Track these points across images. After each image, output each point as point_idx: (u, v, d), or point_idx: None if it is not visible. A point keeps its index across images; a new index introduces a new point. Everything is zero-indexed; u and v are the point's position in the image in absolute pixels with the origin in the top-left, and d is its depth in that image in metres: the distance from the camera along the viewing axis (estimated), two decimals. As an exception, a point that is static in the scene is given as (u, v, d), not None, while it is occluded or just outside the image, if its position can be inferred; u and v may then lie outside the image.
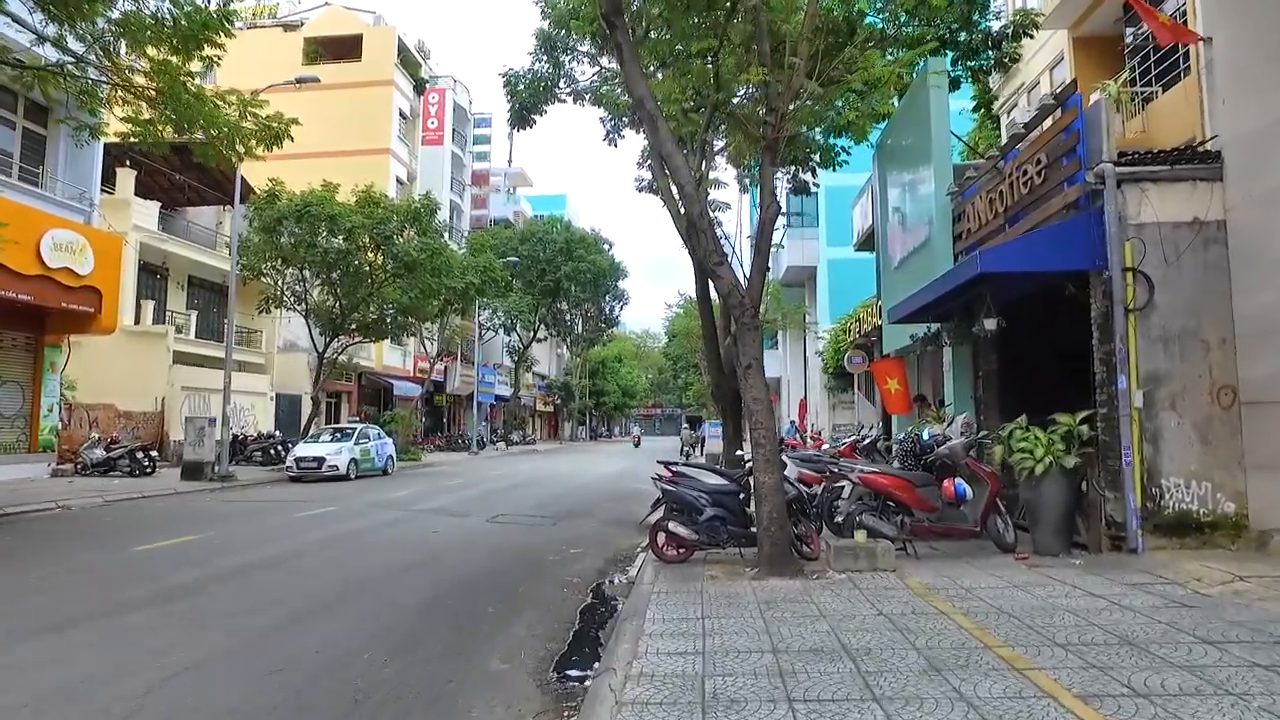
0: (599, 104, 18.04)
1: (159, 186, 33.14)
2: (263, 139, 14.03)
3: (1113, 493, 8.04)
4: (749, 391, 7.60)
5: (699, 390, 45.21)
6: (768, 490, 7.59)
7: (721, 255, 7.55)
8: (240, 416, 30.35)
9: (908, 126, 14.57)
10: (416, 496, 17.14)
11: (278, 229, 22.90)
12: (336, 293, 24.97)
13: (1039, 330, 10.56)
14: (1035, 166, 9.28)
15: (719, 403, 15.38)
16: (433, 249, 24.45)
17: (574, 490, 19.16)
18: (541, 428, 71.86)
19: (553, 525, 12.54)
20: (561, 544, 10.63)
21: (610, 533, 11.72)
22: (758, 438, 7.65)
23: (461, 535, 11.36)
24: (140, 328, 26.08)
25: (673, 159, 7.45)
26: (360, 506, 14.79)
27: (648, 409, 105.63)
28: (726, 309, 16.04)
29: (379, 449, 24.30)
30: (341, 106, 41.43)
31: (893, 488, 8.37)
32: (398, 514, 13.65)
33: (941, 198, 12.64)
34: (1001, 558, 8.25)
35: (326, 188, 23.96)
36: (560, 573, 8.66)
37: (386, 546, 10.25)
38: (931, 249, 12.97)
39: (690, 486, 8.69)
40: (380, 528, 11.95)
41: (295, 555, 9.46)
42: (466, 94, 54.39)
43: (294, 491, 18.45)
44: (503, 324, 50.75)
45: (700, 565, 8.20)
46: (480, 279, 32.02)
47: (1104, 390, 8.19)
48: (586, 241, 52.05)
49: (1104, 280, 8.13)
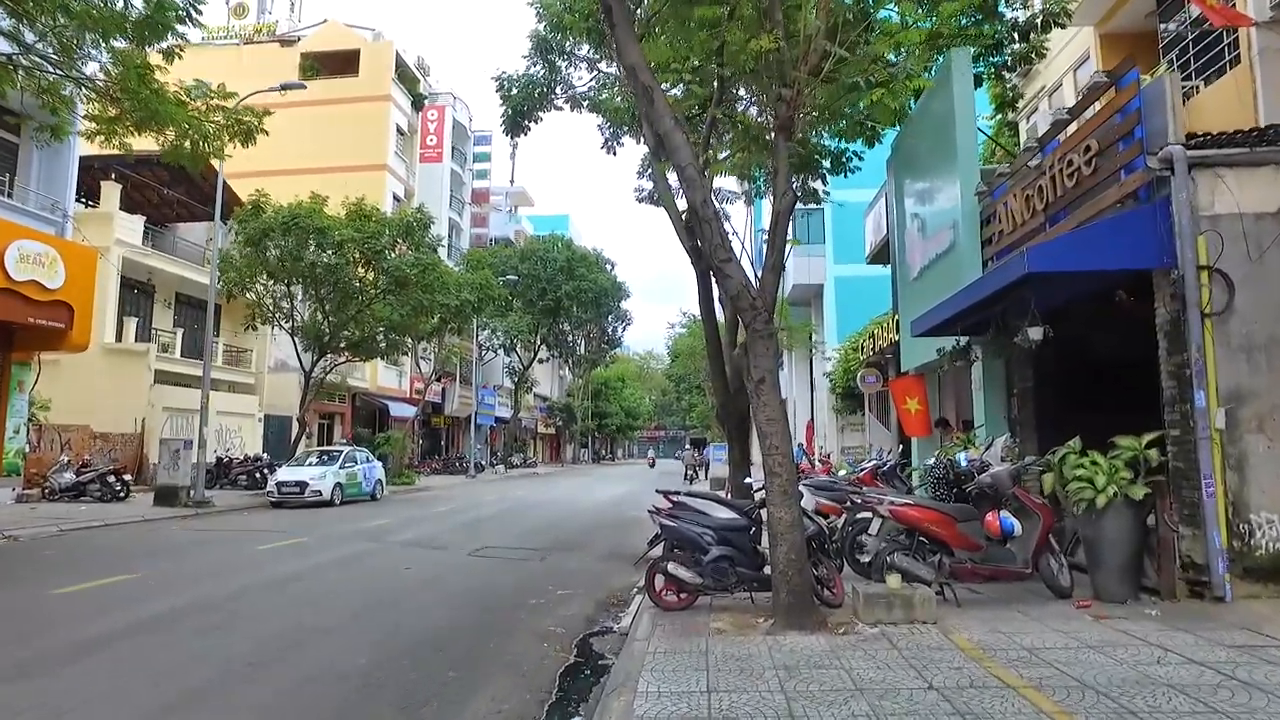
0: (597, 111, 17.13)
1: (148, 202, 32.31)
2: (234, 135, 13.02)
3: (1189, 529, 6.84)
4: (761, 410, 6.45)
5: (703, 412, 44.04)
6: (784, 527, 6.42)
7: (729, 251, 6.44)
8: (226, 438, 29.27)
9: (928, 126, 13.53)
10: (398, 525, 15.94)
11: (263, 242, 21.87)
12: (325, 309, 23.91)
13: (1082, 343, 9.42)
14: (1083, 155, 8.18)
15: (724, 424, 14.22)
16: (425, 264, 23.40)
17: (569, 518, 17.93)
18: (543, 450, 70.56)
19: (541, 560, 11.34)
20: (548, 583, 9.43)
21: (604, 569, 10.51)
22: (772, 465, 6.48)
23: (436, 572, 10.15)
24: (121, 345, 25.04)
25: (671, 137, 6.36)
26: (333, 537, 13.59)
27: (651, 431, 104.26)
28: (733, 320, 14.95)
29: (366, 473, 23.13)
30: (337, 122, 40.77)
31: (930, 523, 7.19)
32: (371, 546, 12.46)
33: (968, 199, 11.56)
34: (1058, 605, 7.04)
35: (315, 200, 22.97)
36: (542, 622, 7.46)
37: (346, 587, 9.04)
38: (957, 255, 11.86)
39: (693, 521, 7.52)
40: (347, 563, 10.75)
41: (234, 599, 8.23)
42: (467, 111, 53.77)
43: (269, 520, 17.26)
44: (502, 344, 49.66)
45: (705, 613, 7.01)
46: (477, 296, 31.01)
47: (1175, 409, 7.02)
48: (588, 260, 51.07)
49: (1172, 280, 6.99)
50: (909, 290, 14.76)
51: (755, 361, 6.46)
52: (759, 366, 6.45)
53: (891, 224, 16.90)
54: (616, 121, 16.87)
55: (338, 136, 40.47)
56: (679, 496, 8.76)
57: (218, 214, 20.19)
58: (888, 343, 16.68)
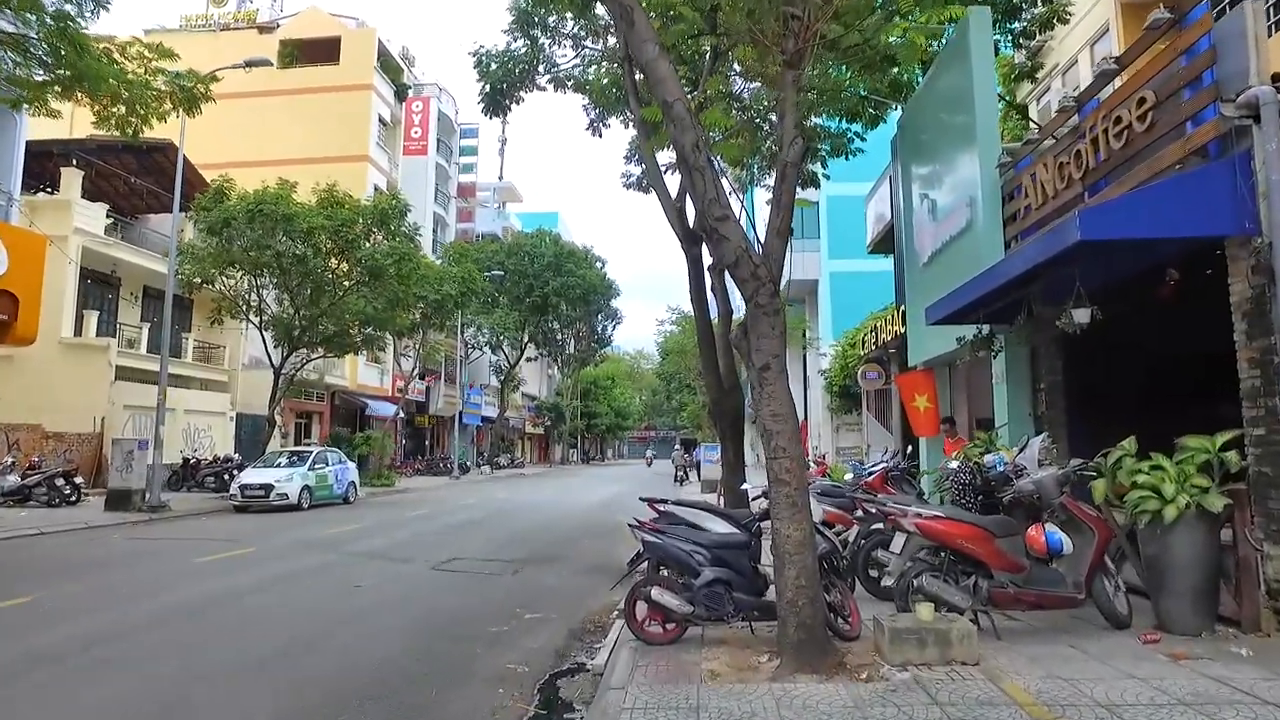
0: (582, 91, 16.07)
1: (115, 191, 30.94)
2: (179, 103, 11.76)
3: (1277, 548, 5.70)
4: (765, 403, 5.27)
5: (694, 411, 42.86)
6: (794, 546, 5.25)
7: (725, 207, 5.25)
8: (195, 438, 27.93)
9: (939, 98, 12.40)
10: (364, 532, 14.69)
11: (226, 231, 20.55)
12: (295, 302, 22.60)
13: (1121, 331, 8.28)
14: (1136, 109, 7.03)
15: (718, 423, 13.07)
16: (400, 254, 22.10)
17: (551, 524, 16.71)
18: (531, 451, 69.23)
19: (513, 574, 10.12)
20: (517, 603, 8.23)
21: (583, 586, 9.31)
22: (778, 470, 5.31)
23: (390, 591, 8.92)
24: (80, 340, 23.65)
25: (655, 67, 5.17)
26: (287, 546, 12.33)
27: (641, 431, 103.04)
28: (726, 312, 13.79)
29: (339, 474, 21.85)
30: (317, 111, 39.44)
31: (965, 539, 6.02)
32: (326, 558, 11.21)
33: (988, 173, 10.41)
34: (1117, 638, 5.89)
35: (283, 186, 21.67)
36: (501, 658, 6.25)
37: (276, 614, 7.71)
38: (974, 236, 10.72)
39: (682, 537, 6.33)
40: (291, 579, 9.49)
41: (134, 631, 6.86)
42: (453, 103, 52.45)
43: (226, 526, 15.98)
44: (488, 341, 48.37)
45: (696, 649, 5.83)
46: (459, 290, 29.76)
47: (1259, 403, 5.87)
48: (576, 256, 49.81)
49: (1255, 250, 5.84)
50: (917, 278, 13.62)
51: (757, 344, 5.27)
52: (762, 350, 5.27)
53: (897, 209, 15.75)
54: (603, 104, 15.80)
55: (318, 126, 39.14)
56: (667, 506, 7.58)
57: (176, 197, 18.89)
58: (892, 336, 15.54)
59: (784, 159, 5.56)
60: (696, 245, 12.88)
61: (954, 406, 13.57)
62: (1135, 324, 8.20)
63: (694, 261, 12.60)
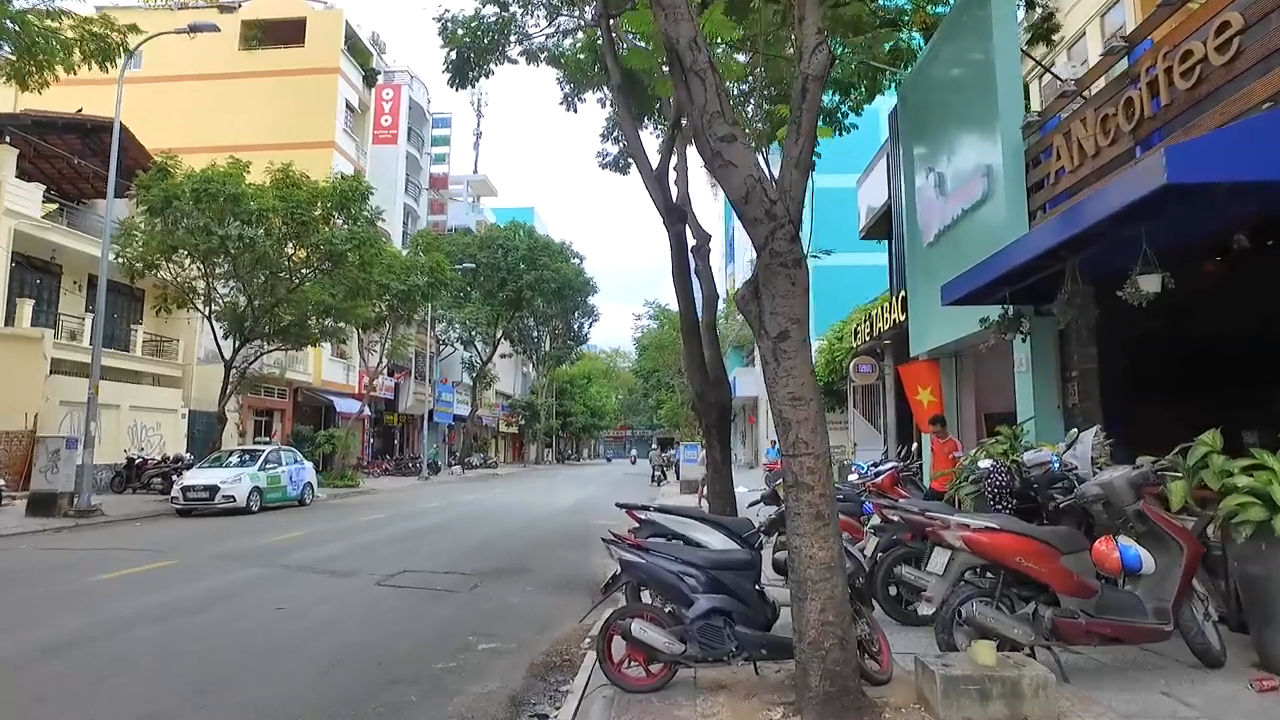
0: (556, 65, 14.85)
1: (59, 174, 29.10)
2: (91, 54, 10.27)
3: None
4: (784, 383, 4.00)
5: (672, 409, 41.60)
6: (819, 570, 3.99)
7: (731, 124, 3.98)
8: (143, 436, 26.20)
9: (949, 60, 11.27)
10: (310, 539, 13.25)
11: (169, 211, 18.94)
12: (247, 290, 21.01)
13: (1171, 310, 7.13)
14: (1215, 39, 5.87)
15: (702, 418, 11.79)
16: (360, 238, 20.58)
17: (518, 530, 15.35)
18: (505, 450, 67.60)
19: (470, 590, 8.77)
20: (471, 629, 6.90)
21: (550, 605, 8.00)
22: (799, 471, 4.05)
23: (318, 616, 7.53)
24: (9, 331, 21.86)
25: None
26: (213, 558, 10.84)
27: (617, 430, 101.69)
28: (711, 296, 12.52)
29: (293, 475, 20.32)
30: (281, 95, 37.69)
31: (1026, 556, 4.80)
32: (256, 572, 9.77)
33: (1011, 136, 9.26)
34: (1217, 682, 4.71)
35: (234, 164, 20.09)
36: (442, 710, 4.93)
37: (164, 650, 6.10)
38: (994, 207, 9.57)
39: (670, 555, 5.04)
40: (201, 602, 8.02)
41: None
42: (425, 92, 50.79)
43: (154, 533, 14.46)
44: (459, 337, 46.76)
45: (688, 696, 4.57)
46: (427, 280, 28.25)
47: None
48: (551, 249, 48.32)
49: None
50: (921, 260, 12.47)
51: (772, 305, 4.01)
52: (778, 314, 4.00)
53: (895, 188, 14.61)
54: (578, 79, 14.64)
55: (281, 111, 37.40)
56: (649, 514, 6.31)
57: (112, 171, 17.28)
58: (889, 325, 14.38)
59: (804, 71, 4.30)
60: (680, 221, 11.63)
61: (959, 402, 12.43)
62: (1182, 303, 7.06)
63: (677, 239, 11.33)
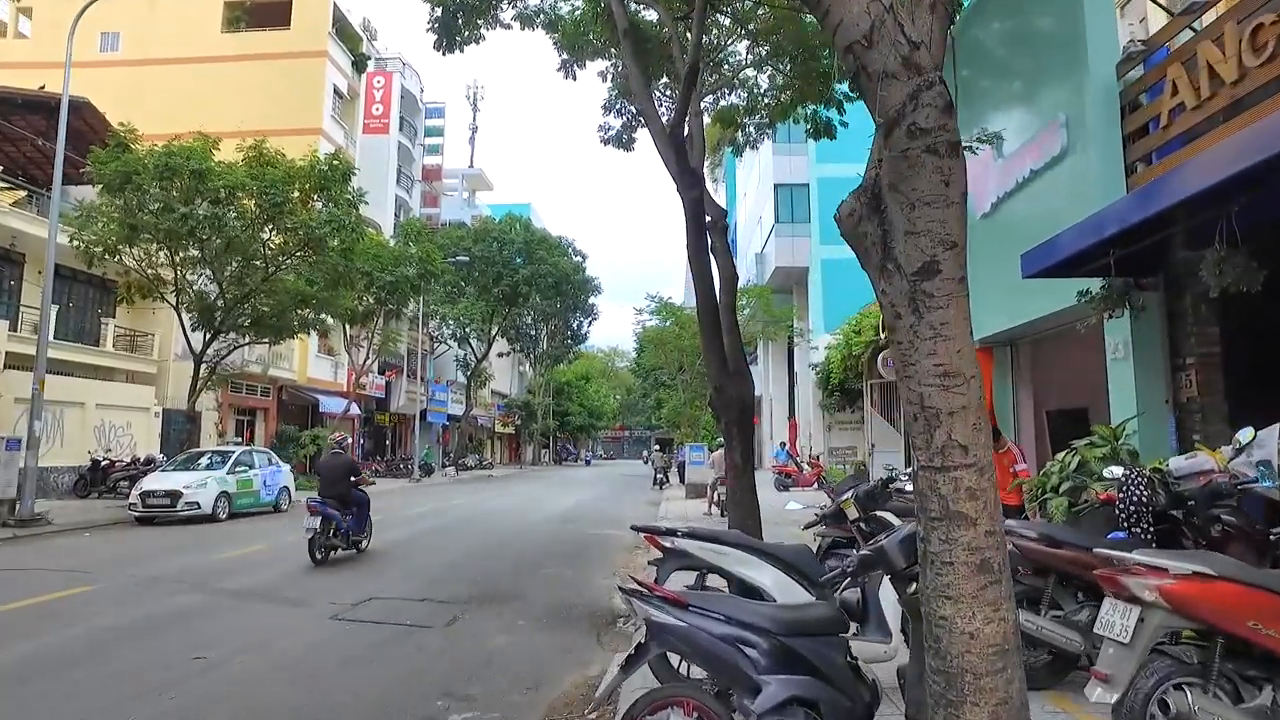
0: (553, 29, 13.40)
1: (25, 157, 27.42)
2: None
3: None
4: (926, 350, 2.37)
5: (673, 409, 39.94)
6: (987, 657, 2.37)
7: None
8: (111, 436, 24.53)
9: (1008, 2, 9.71)
10: (270, 556, 11.62)
11: (129, 189, 17.28)
12: (219, 278, 19.37)
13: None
14: None
15: (720, 416, 10.21)
16: (340, 221, 18.92)
17: (508, 541, 13.70)
18: (502, 451, 65.89)
19: (447, 626, 7.15)
20: (440, 688, 5.28)
21: (543, 649, 6.38)
22: (949, 494, 2.43)
23: (243, 670, 5.86)
24: (-41, 322, 20.26)
25: None
26: (141, 582, 9.11)
27: (615, 431, 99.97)
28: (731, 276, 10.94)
29: (268, 478, 18.69)
30: (266, 79, 36.03)
31: (1264, 618, 3.19)
32: (187, 601, 8.09)
33: (1101, 73, 7.67)
34: None
35: (201, 139, 18.45)
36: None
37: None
38: (1080, 161, 7.98)
39: (720, 613, 3.40)
40: (100, 645, 6.31)
41: None
42: (418, 80, 49.18)
43: (95, 547, 12.82)
44: (453, 333, 45.10)
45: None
46: (416, 271, 26.64)
47: None
48: (548, 243, 46.67)
49: None
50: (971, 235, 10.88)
51: (910, 219, 2.40)
52: (923, 232, 2.39)
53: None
54: (576, 49, 13.19)
55: (266, 96, 35.73)
56: (677, 540, 4.69)
57: (60, 143, 15.63)
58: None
59: None
60: (697, 185, 10.05)
61: (1016, 398, 10.83)
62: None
63: (693, 205, 9.75)
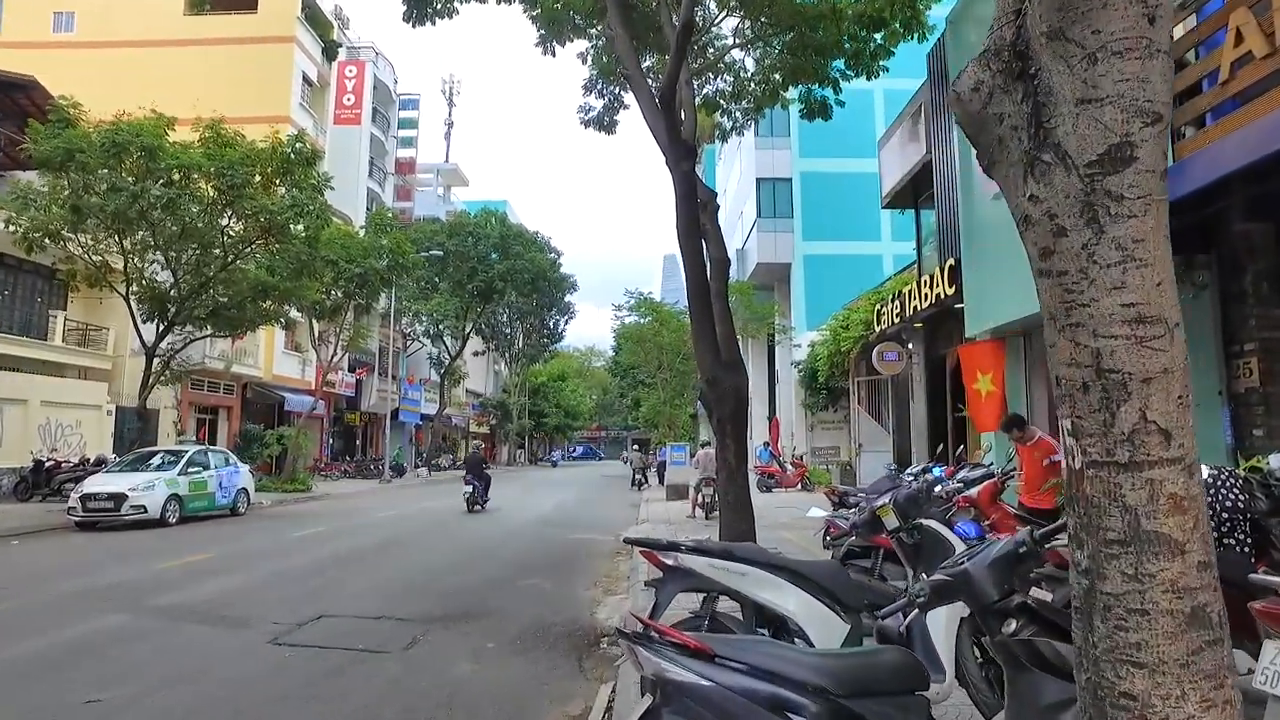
0: (533, 3, 12.48)
1: (-32, 141, 25.96)
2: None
3: None
4: (1108, 282, 1.47)
5: (652, 408, 39.04)
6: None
7: None
8: (59, 435, 23.14)
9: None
10: (214, 565, 10.52)
11: (71, 168, 16.03)
12: (172, 266, 18.15)
13: None
14: None
15: (714, 409, 9.29)
16: (303, 206, 17.80)
17: (477, 549, 12.68)
18: (476, 451, 64.53)
19: (406, 650, 6.16)
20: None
21: (517, 677, 5.43)
22: (1138, 503, 1.52)
23: (148, 713, 4.86)
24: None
25: None
26: (58, 599, 8.01)
27: (591, 431, 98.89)
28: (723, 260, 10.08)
29: (224, 479, 17.52)
30: (231, 65, 34.67)
31: None
32: (111, 622, 7.02)
33: (1145, 28, 6.84)
34: None
35: (155, 118, 17.24)
36: None
37: None
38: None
39: (751, 665, 2.45)
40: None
41: None
42: (391, 71, 47.93)
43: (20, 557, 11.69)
44: (426, 330, 43.87)
45: None
46: (386, 263, 25.51)
47: None
48: (524, 238, 45.59)
49: None
50: (982, 218, 10.07)
51: (1090, 75, 1.50)
52: (1116, 102, 1.49)
53: (938, 141, 12.24)
54: (554, 28, 12.29)
55: (231, 82, 34.24)
56: (681, 558, 3.73)
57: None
58: (930, 303, 11.97)
59: None
60: (688, 157, 9.15)
61: (1030, 392, 10.05)
62: None
63: (684, 180, 8.85)
